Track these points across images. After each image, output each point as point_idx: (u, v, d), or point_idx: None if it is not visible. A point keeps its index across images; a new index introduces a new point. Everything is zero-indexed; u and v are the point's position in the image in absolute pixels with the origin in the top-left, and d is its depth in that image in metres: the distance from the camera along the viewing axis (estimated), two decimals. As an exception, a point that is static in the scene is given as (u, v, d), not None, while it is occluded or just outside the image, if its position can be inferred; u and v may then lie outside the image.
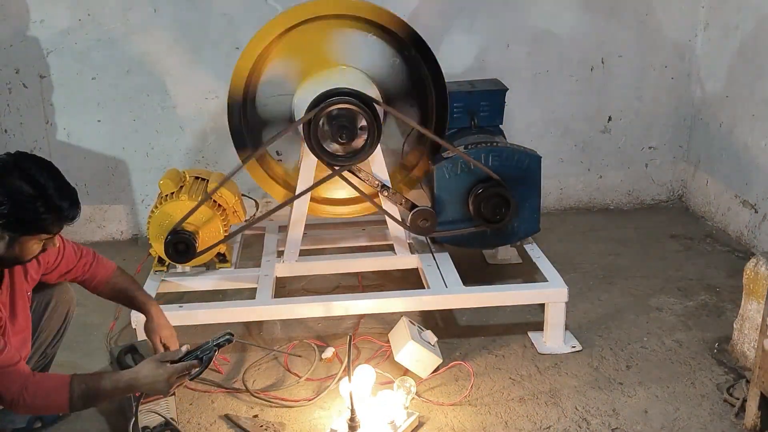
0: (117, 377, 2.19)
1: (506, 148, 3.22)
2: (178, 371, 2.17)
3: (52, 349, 2.65)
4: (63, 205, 2.15)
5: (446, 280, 3.11)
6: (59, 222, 2.17)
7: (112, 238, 4.29)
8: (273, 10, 3.76)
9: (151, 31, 3.97)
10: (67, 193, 2.18)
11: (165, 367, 2.17)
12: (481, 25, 4.13)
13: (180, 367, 2.18)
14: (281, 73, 3.20)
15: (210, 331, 3.16)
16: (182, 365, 2.19)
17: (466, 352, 3.06)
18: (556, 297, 3.03)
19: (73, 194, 2.20)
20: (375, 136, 2.99)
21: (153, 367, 2.17)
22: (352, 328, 3.25)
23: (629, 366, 2.95)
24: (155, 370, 2.16)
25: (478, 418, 2.66)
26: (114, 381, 2.17)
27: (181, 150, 4.19)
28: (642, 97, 4.37)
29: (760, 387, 2.47)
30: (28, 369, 2.19)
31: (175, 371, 2.17)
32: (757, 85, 3.78)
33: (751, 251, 3.78)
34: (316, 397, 2.78)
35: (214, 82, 4.04)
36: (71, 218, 2.18)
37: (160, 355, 2.25)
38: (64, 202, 2.15)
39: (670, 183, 4.55)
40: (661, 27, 4.25)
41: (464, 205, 3.21)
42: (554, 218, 4.37)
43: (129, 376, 2.18)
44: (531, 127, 4.29)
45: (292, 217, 3.22)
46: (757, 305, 2.78)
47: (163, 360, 2.21)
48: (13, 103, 4.02)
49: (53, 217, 2.13)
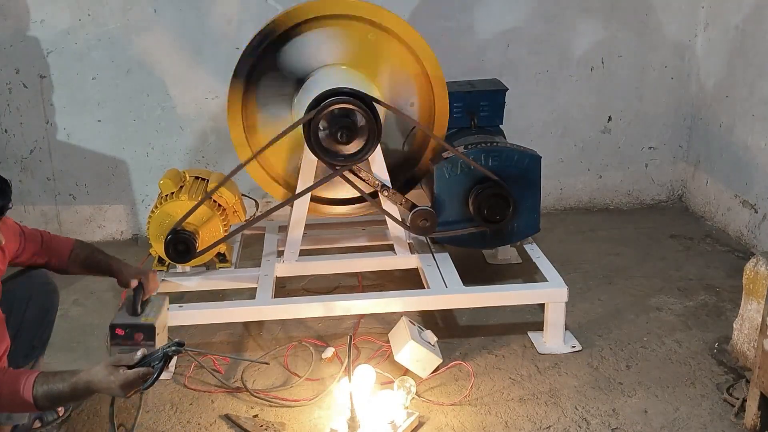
0: (75, 379, 2.12)
1: (506, 148, 3.22)
2: (130, 379, 2.10)
3: (39, 340, 2.61)
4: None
5: (446, 280, 3.11)
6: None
7: (112, 238, 4.29)
8: (273, 10, 3.75)
9: (151, 31, 3.98)
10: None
11: (117, 373, 2.10)
12: (481, 24, 4.13)
13: (132, 375, 2.11)
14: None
15: (210, 331, 3.20)
16: (134, 374, 2.11)
17: (466, 352, 3.06)
18: (556, 297, 3.03)
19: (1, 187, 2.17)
20: (375, 135, 3.00)
21: (106, 373, 2.10)
22: (352, 328, 3.24)
23: (629, 366, 2.95)
24: (108, 376, 2.09)
25: (478, 418, 2.66)
26: (72, 383, 2.11)
27: (181, 150, 4.19)
28: (642, 97, 4.37)
29: (760, 387, 2.47)
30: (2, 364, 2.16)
31: (127, 379, 2.10)
32: (757, 85, 3.78)
33: (751, 251, 3.79)
34: (316, 397, 2.78)
35: (214, 82, 4.04)
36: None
37: (115, 359, 2.16)
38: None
39: (670, 183, 4.55)
40: (661, 27, 4.25)
41: (464, 205, 3.21)
42: (554, 218, 4.37)
43: (86, 378, 2.12)
44: (531, 127, 4.29)
45: (293, 217, 3.22)
46: (757, 305, 2.78)
47: (117, 364, 2.13)
48: (13, 103, 4.02)
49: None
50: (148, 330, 2.41)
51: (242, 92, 3.17)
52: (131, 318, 2.44)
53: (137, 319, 2.43)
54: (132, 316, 2.44)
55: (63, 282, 3.66)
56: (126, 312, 2.45)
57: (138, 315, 2.45)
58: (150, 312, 2.48)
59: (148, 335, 2.40)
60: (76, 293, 3.65)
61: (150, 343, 2.40)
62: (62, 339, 3.18)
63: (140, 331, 2.40)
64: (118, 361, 2.12)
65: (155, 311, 2.49)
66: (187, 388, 2.84)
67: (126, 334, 2.41)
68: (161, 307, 2.53)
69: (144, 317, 2.44)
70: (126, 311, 2.46)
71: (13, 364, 2.32)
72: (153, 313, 2.48)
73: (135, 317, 2.44)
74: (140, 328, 2.41)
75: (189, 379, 2.90)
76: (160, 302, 2.57)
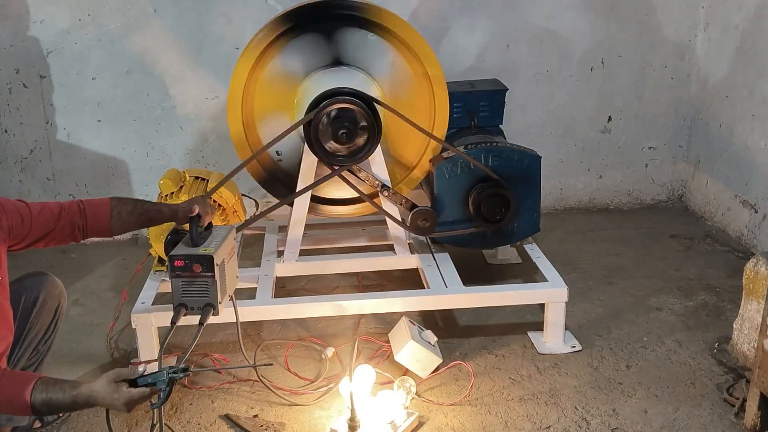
0: (76, 393, 2.08)
1: (506, 148, 3.22)
2: (134, 398, 2.07)
3: (44, 345, 2.59)
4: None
5: (446, 280, 3.11)
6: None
7: (113, 238, 4.29)
8: (273, 10, 3.76)
9: (151, 31, 3.98)
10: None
11: (121, 391, 2.06)
12: (481, 25, 4.13)
13: (136, 395, 2.07)
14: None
15: (210, 331, 3.19)
16: (139, 393, 2.07)
17: (466, 352, 3.06)
18: (556, 297, 3.03)
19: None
20: (375, 135, 3.00)
21: (110, 390, 2.06)
22: (352, 328, 3.25)
23: (629, 366, 2.95)
24: (111, 393, 2.05)
25: (478, 418, 2.66)
26: (73, 396, 2.07)
27: (181, 150, 4.19)
28: (642, 97, 4.37)
29: (760, 387, 2.48)
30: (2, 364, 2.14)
31: (131, 398, 2.06)
32: (757, 85, 3.78)
33: (751, 251, 3.79)
34: (317, 398, 2.78)
35: (214, 82, 4.04)
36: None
37: (114, 373, 2.10)
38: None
39: (670, 183, 4.55)
40: (661, 27, 4.25)
41: (464, 205, 3.22)
42: (554, 218, 4.37)
43: (87, 393, 2.08)
44: (531, 127, 4.29)
45: (293, 217, 3.22)
46: (757, 305, 2.78)
47: (118, 380, 2.08)
48: (13, 103, 4.02)
49: None
50: (207, 261, 2.39)
51: (254, 158, 3.13)
52: (190, 249, 2.42)
53: (196, 250, 2.41)
54: (191, 246, 2.42)
55: (63, 282, 3.68)
56: (184, 243, 2.44)
57: (197, 246, 2.42)
58: (211, 242, 2.46)
59: (207, 266, 2.39)
60: (76, 293, 3.65)
61: (209, 274, 2.39)
62: (62, 339, 3.17)
63: (198, 262, 2.39)
64: (118, 376, 2.08)
65: (217, 242, 2.46)
66: (187, 387, 2.84)
67: (185, 266, 2.40)
68: (225, 238, 2.49)
69: (203, 248, 2.42)
70: (184, 243, 2.44)
71: (17, 367, 2.31)
72: (214, 244, 2.45)
73: (194, 248, 2.42)
74: (199, 259, 2.39)
75: (189, 378, 2.91)
76: (224, 232, 2.53)
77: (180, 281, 2.42)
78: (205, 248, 2.43)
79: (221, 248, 2.45)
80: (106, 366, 3.02)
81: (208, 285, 2.43)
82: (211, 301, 2.45)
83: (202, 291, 2.44)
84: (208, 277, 2.40)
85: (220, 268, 2.42)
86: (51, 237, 2.39)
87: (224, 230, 2.59)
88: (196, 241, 2.45)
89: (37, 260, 3.66)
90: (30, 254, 3.94)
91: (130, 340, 3.03)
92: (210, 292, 2.44)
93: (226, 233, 2.55)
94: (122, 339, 3.18)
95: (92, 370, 3.00)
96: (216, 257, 2.40)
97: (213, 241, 2.49)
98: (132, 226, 2.55)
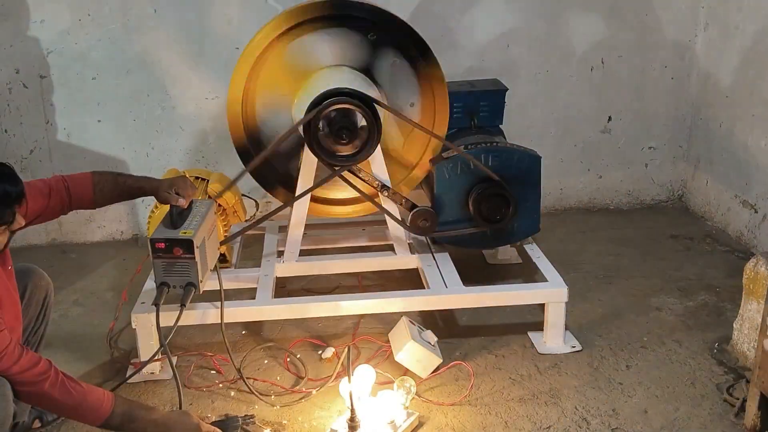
0: (154, 417, 2.28)
1: (506, 148, 3.22)
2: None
3: (34, 336, 2.60)
4: (6, 188, 2.05)
5: (446, 280, 3.11)
6: (9, 207, 2.07)
7: (112, 238, 4.30)
8: (273, 10, 3.75)
9: (151, 31, 3.98)
10: (4, 176, 2.07)
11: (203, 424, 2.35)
12: (481, 25, 4.13)
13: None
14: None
15: (210, 331, 3.19)
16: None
17: (466, 352, 3.06)
18: (556, 297, 3.03)
19: (7, 174, 2.08)
20: (375, 136, 3.00)
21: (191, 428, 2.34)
22: (352, 328, 3.25)
23: (629, 366, 2.95)
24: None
25: (478, 418, 2.66)
26: (151, 421, 2.26)
27: (181, 150, 4.19)
28: (642, 97, 4.37)
29: (760, 387, 2.47)
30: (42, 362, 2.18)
31: None
32: (757, 85, 3.78)
33: (751, 251, 3.79)
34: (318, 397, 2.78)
35: (214, 82, 4.04)
36: (17, 197, 2.08)
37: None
38: (5, 185, 2.05)
39: (670, 183, 4.55)
40: (661, 27, 4.25)
41: (464, 205, 3.22)
42: (554, 218, 4.37)
43: (163, 420, 2.29)
44: (531, 127, 4.29)
45: (293, 217, 3.22)
46: (757, 305, 2.78)
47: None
48: (13, 103, 4.02)
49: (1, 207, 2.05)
50: (186, 244, 2.44)
51: (257, 162, 3.09)
52: (170, 231, 2.45)
53: (176, 233, 2.45)
54: (171, 229, 2.45)
55: (63, 282, 3.70)
56: (164, 226, 2.47)
57: (177, 228, 2.45)
58: (191, 222, 2.49)
59: (187, 248, 2.44)
60: (76, 293, 3.65)
61: (189, 256, 2.44)
62: (62, 339, 3.19)
63: (179, 246, 2.44)
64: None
65: (197, 221, 2.49)
66: (187, 387, 2.84)
67: (165, 248, 2.45)
68: (204, 216, 2.52)
69: (183, 231, 2.45)
70: (164, 224, 2.47)
71: None
72: (194, 225, 2.48)
73: (174, 230, 2.44)
74: (179, 243, 2.44)
75: (189, 379, 2.90)
76: (204, 209, 2.55)
77: (161, 262, 2.48)
78: (185, 231, 2.47)
79: (201, 228, 2.48)
80: (106, 366, 3.02)
81: (189, 266, 2.50)
82: (192, 280, 2.53)
83: (184, 272, 2.51)
84: (189, 259, 2.46)
85: (200, 249, 2.45)
86: (42, 218, 2.44)
87: (204, 206, 2.59)
88: (176, 222, 2.48)
89: (37, 260, 3.64)
90: (30, 254, 3.97)
91: (130, 340, 3.03)
92: (191, 273, 2.51)
93: (206, 210, 2.57)
94: (122, 339, 3.17)
95: (92, 370, 3.00)
96: (196, 239, 2.44)
97: (193, 221, 2.51)
98: (114, 200, 2.60)
